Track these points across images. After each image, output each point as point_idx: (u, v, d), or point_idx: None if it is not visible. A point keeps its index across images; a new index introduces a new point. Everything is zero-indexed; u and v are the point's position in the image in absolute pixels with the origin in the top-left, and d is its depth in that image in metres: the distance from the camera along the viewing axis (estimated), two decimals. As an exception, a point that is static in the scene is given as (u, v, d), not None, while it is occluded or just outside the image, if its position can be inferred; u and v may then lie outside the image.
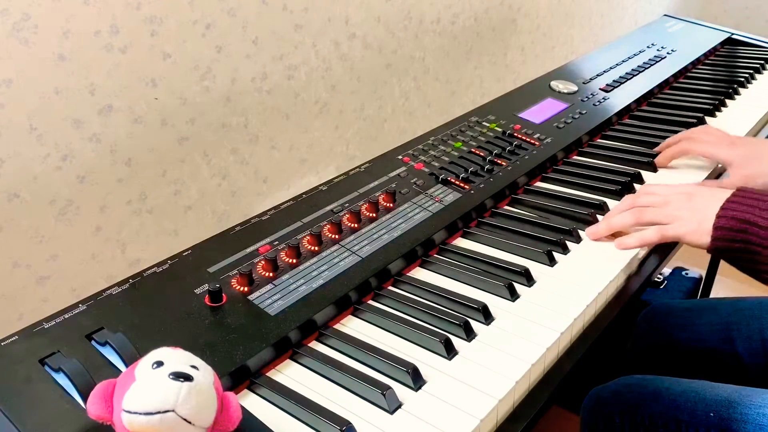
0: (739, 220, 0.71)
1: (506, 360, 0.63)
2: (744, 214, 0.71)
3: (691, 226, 0.75)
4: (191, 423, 0.47)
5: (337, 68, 1.28)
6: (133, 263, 1.05)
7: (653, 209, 0.79)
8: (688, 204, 0.77)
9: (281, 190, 1.26)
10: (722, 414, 0.73)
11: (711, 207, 0.74)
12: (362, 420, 0.57)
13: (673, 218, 0.77)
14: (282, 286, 0.69)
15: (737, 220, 0.71)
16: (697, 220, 0.75)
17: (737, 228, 0.71)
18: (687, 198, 0.78)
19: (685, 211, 0.77)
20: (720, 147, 0.92)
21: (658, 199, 0.80)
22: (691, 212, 0.76)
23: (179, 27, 0.99)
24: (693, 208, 0.76)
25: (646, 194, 0.82)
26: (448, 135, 0.99)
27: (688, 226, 0.76)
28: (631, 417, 0.79)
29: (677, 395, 0.77)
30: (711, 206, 0.74)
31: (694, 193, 0.78)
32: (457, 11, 1.54)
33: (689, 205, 0.77)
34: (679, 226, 0.76)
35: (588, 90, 1.19)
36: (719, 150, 0.93)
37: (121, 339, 0.59)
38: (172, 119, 1.03)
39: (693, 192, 0.79)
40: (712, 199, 0.75)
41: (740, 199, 0.73)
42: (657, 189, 0.82)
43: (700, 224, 0.75)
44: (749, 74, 1.34)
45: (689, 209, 0.77)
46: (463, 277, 0.75)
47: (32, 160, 0.88)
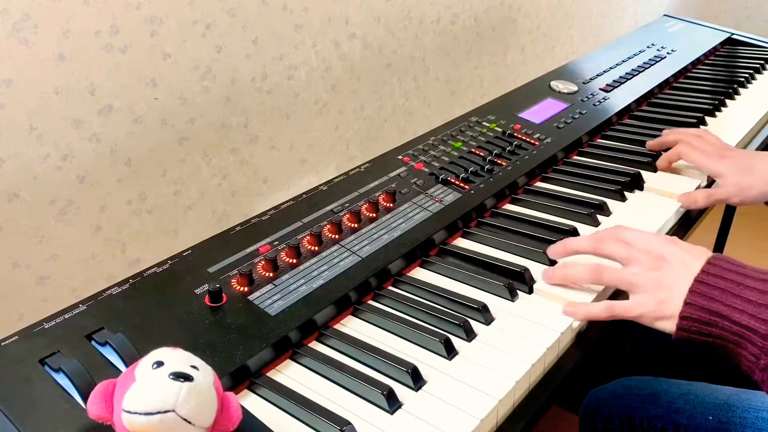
0: (709, 311, 0.61)
1: (506, 360, 0.63)
2: (715, 304, 0.61)
3: (650, 306, 0.65)
4: (191, 423, 0.47)
5: (337, 68, 1.28)
6: (133, 263, 1.05)
7: (613, 271, 0.69)
8: (653, 273, 0.66)
9: (281, 190, 1.26)
10: (721, 417, 0.73)
11: (678, 285, 0.63)
12: (362, 420, 0.57)
13: (633, 288, 0.67)
14: (282, 286, 0.69)
15: (707, 311, 0.61)
16: (658, 300, 0.64)
17: (706, 320, 0.61)
18: (654, 263, 0.66)
19: (648, 282, 0.66)
20: (711, 159, 0.91)
21: (623, 253, 0.69)
22: (655, 287, 0.65)
23: (179, 27, 1.00)
24: (658, 282, 0.65)
25: (612, 240, 0.70)
26: (448, 135, 0.99)
27: (646, 306, 0.65)
28: (629, 419, 0.79)
29: (676, 398, 0.77)
30: (678, 284, 0.63)
31: (663, 256, 0.66)
32: (457, 11, 1.54)
33: (654, 275, 0.66)
34: (635, 306, 0.66)
35: (588, 90, 1.19)
36: (710, 162, 0.91)
37: (121, 339, 0.59)
38: (172, 119, 1.03)
39: (662, 254, 0.67)
40: (682, 273, 0.64)
41: (713, 280, 0.62)
42: (626, 235, 0.70)
43: (661, 307, 0.64)
44: (749, 74, 1.34)
45: (653, 282, 0.65)
46: (463, 277, 0.75)
47: (32, 160, 0.88)
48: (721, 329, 0.61)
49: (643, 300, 0.66)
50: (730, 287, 0.61)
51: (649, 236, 0.70)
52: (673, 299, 0.63)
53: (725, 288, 0.61)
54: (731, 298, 0.60)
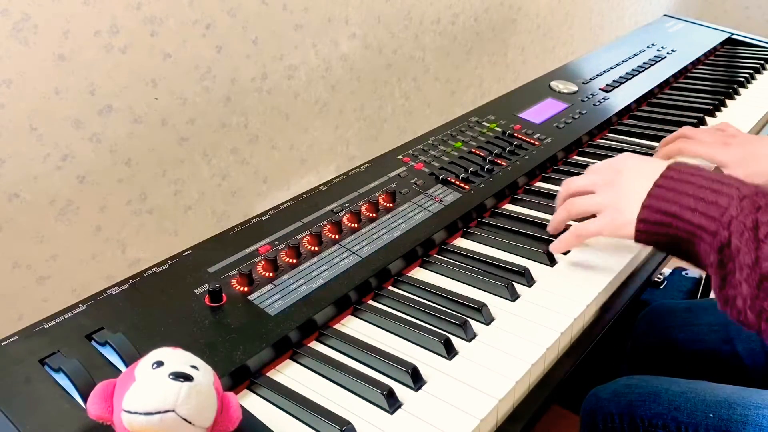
0: (663, 212, 0.63)
1: (506, 360, 0.63)
2: (669, 205, 0.63)
3: (610, 217, 0.69)
4: (191, 423, 0.47)
5: (337, 68, 1.28)
6: (133, 263, 1.05)
7: (582, 200, 0.74)
8: (612, 188, 0.71)
9: (281, 190, 1.26)
10: (722, 415, 0.73)
11: (635, 192, 0.66)
12: (362, 420, 0.57)
13: (599, 207, 0.72)
14: (282, 286, 0.69)
15: (661, 212, 0.64)
16: (617, 209, 0.69)
17: (660, 221, 0.64)
18: (613, 180, 0.71)
19: (610, 197, 0.70)
20: (714, 148, 0.90)
21: (586, 182, 0.75)
22: (615, 198, 0.70)
23: (179, 27, 1.00)
24: (617, 192, 0.70)
25: (576, 179, 0.77)
26: (448, 135, 0.99)
27: (607, 217, 0.70)
28: (630, 417, 0.79)
29: (677, 396, 0.77)
30: (635, 191, 0.66)
31: (621, 169, 0.71)
32: (457, 11, 1.54)
33: (614, 187, 0.70)
34: (595, 222, 0.71)
35: (588, 90, 1.19)
36: (714, 151, 0.90)
37: (121, 339, 0.59)
38: (172, 119, 1.03)
39: (620, 168, 0.72)
40: (640, 180, 0.67)
41: (669, 182, 0.64)
42: (589, 168, 0.77)
43: (621, 214, 0.68)
44: (749, 74, 1.34)
45: (614, 194, 0.70)
46: (463, 277, 0.75)
47: (32, 160, 0.88)
48: (675, 228, 0.63)
49: (603, 214, 0.70)
50: (686, 189, 0.63)
51: (608, 161, 0.76)
52: (631, 205, 0.66)
53: (681, 190, 0.63)
54: (684, 198, 0.62)
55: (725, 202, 0.60)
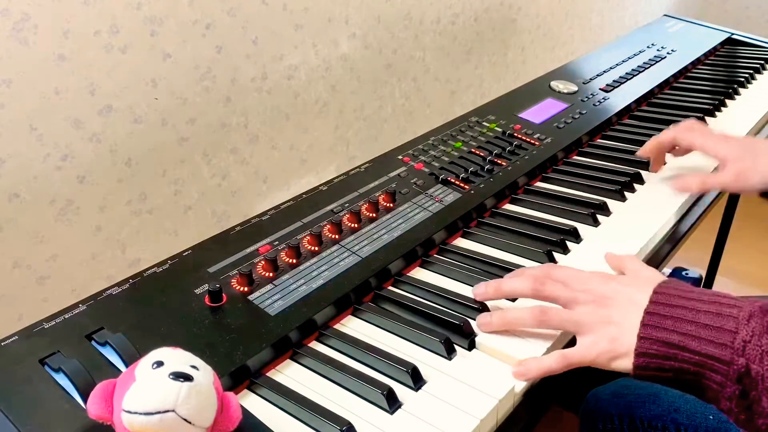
0: (666, 343, 0.56)
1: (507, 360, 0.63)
2: (670, 335, 0.56)
3: (602, 345, 0.60)
4: (191, 423, 0.47)
5: (337, 68, 1.28)
6: (133, 263, 1.05)
7: (559, 312, 0.64)
8: (600, 312, 0.61)
9: (281, 190, 1.26)
10: (721, 416, 0.73)
11: (627, 320, 0.59)
12: (362, 420, 0.57)
13: (581, 329, 0.62)
14: (282, 286, 0.69)
15: (663, 344, 0.56)
16: (609, 338, 0.60)
17: (664, 354, 0.56)
18: (599, 301, 0.62)
19: (597, 321, 0.61)
20: (714, 140, 0.88)
21: (565, 295, 0.64)
22: (603, 325, 0.60)
23: (179, 27, 1.00)
24: (606, 319, 0.61)
25: (552, 281, 0.65)
26: (448, 135, 1.00)
27: (599, 346, 0.60)
28: (630, 419, 0.79)
29: (676, 397, 0.77)
30: (627, 319, 0.59)
31: (605, 293, 0.62)
32: (457, 11, 1.54)
33: (602, 313, 0.61)
34: (588, 349, 0.61)
35: (588, 90, 1.19)
36: (712, 143, 0.87)
37: (121, 339, 0.59)
38: (172, 119, 1.03)
39: (604, 293, 0.62)
40: (630, 308, 0.60)
41: (663, 309, 0.58)
42: (562, 275, 0.65)
43: (613, 345, 0.59)
44: (749, 74, 1.34)
45: (601, 320, 0.61)
46: (463, 277, 0.75)
47: (32, 160, 0.88)
48: (680, 361, 0.56)
49: (594, 339, 0.60)
50: (683, 314, 0.57)
51: (587, 275, 0.65)
52: (625, 336, 0.59)
53: (678, 316, 0.57)
54: (686, 326, 0.56)
55: (732, 325, 0.55)
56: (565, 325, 0.63)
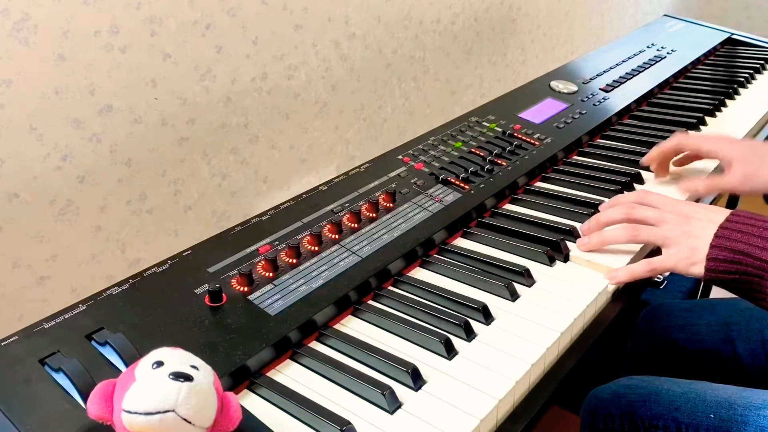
0: (733, 250, 0.67)
1: (506, 360, 0.63)
2: (737, 244, 0.67)
3: (683, 254, 0.71)
4: (191, 423, 0.47)
5: (337, 68, 1.28)
6: (133, 263, 1.05)
7: (648, 229, 0.75)
8: (683, 228, 0.73)
9: (281, 190, 1.26)
10: (722, 415, 0.73)
11: (705, 234, 0.70)
12: (362, 420, 0.57)
13: (667, 241, 0.73)
14: (282, 286, 0.69)
15: (731, 251, 0.67)
16: (689, 248, 0.71)
17: (731, 259, 0.67)
18: (683, 220, 0.74)
19: (680, 235, 0.73)
20: (720, 143, 0.89)
21: (654, 215, 0.75)
22: (686, 238, 0.72)
23: (179, 27, 1.00)
24: (687, 233, 0.72)
25: (641, 206, 0.78)
26: (448, 135, 0.99)
27: (680, 254, 0.72)
28: (630, 418, 0.79)
29: (677, 396, 0.77)
30: (705, 233, 0.70)
31: (690, 214, 0.74)
32: (457, 11, 1.54)
33: (684, 229, 0.73)
34: (671, 256, 0.72)
35: (588, 90, 1.19)
36: (719, 146, 0.89)
37: (121, 339, 0.59)
38: (172, 119, 1.03)
39: (689, 213, 0.74)
40: (708, 223, 0.71)
41: (734, 225, 0.69)
42: (654, 200, 0.78)
43: (693, 253, 0.70)
44: (749, 74, 1.33)
45: (684, 234, 0.72)
46: (463, 277, 0.75)
47: (32, 160, 0.88)
48: (744, 266, 0.67)
49: (676, 250, 0.72)
50: (751, 230, 0.68)
51: (673, 200, 0.78)
52: (702, 246, 0.70)
53: (746, 231, 0.68)
54: (752, 239, 0.67)
55: None
56: (652, 239, 0.75)
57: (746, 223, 0.69)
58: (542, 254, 0.77)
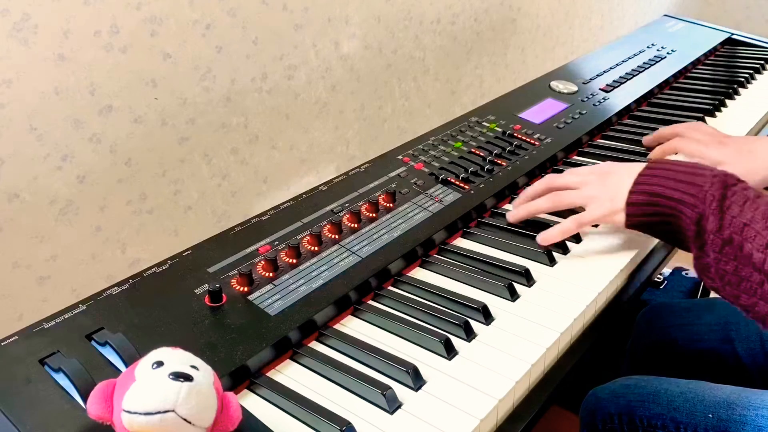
0: (649, 193, 0.71)
1: (506, 360, 0.63)
2: (653, 187, 0.70)
3: (605, 206, 0.75)
4: (191, 423, 0.47)
5: (337, 68, 1.28)
6: (133, 263, 1.05)
7: (570, 193, 0.79)
8: (602, 183, 0.76)
9: (281, 190, 1.26)
10: (721, 415, 0.73)
11: (624, 184, 0.73)
12: (362, 420, 0.57)
13: (589, 200, 0.77)
14: (282, 286, 0.69)
15: (647, 194, 0.71)
16: (609, 199, 0.74)
17: (647, 201, 0.71)
18: (602, 178, 0.77)
19: (601, 190, 0.76)
20: (710, 147, 0.91)
21: (575, 180, 0.79)
22: (606, 191, 0.75)
23: (179, 27, 1.00)
24: (607, 187, 0.76)
25: (562, 176, 0.81)
26: (448, 135, 0.99)
27: (602, 206, 0.75)
28: (629, 418, 0.79)
29: (676, 396, 0.77)
30: (624, 183, 0.73)
31: (609, 171, 0.77)
32: (457, 11, 1.54)
33: (604, 183, 0.76)
34: (593, 209, 0.76)
35: (588, 90, 1.19)
36: (710, 150, 0.90)
37: (121, 339, 0.59)
38: (172, 119, 1.03)
39: (608, 170, 0.78)
40: (626, 176, 0.74)
41: (651, 171, 0.72)
42: (576, 170, 0.81)
43: (613, 203, 0.74)
44: (749, 74, 1.34)
45: (604, 188, 0.76)
46: (463, 277, 0.75)
47: (32, 160, 0.88)
48: (660, 207, 0.70)
49: (598, 204, 0.76)
50: (666, 174, 0.70)
51: (591, 167, 0.81)
52: (621, 194, 0.73)
53: (663, 176, 0.70)
54: (666, 182, 0.70)
55: (701, 181, 0.67)
56: (575, 201, 0.78)
57: (663, 168, 0.71)
58: (542, 254, 0.77)
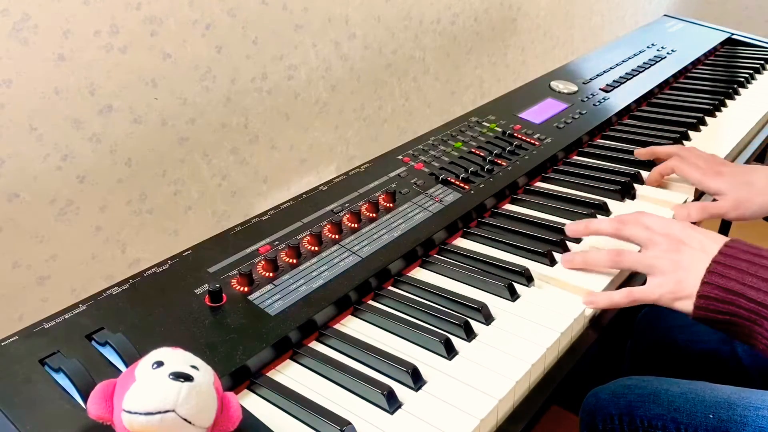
0: (726, 289, 0.63)
1: (506, 360, 0.63)
2: (731, 283, 0.63)
3: (669, 287, 0.67)
4: (191, 423, 0.47)
5: (337, 68, 1.28)
6: (133, 263, 1.05)
7: (632, 255, 0.72)
8: (672, 256, 0.68)
9: (281, 190, 1.26)
10: (721, 415, 0.73)
11: (695, 266, 0.65)
12: (362, 420, 0.57)
13: (652, 270, 0.69)
14: (282, 286, 0.69)
15: (724, 290, 0.63)
16: (676, 281, 0.67)
17: (723, 299, 0.63)
18: (674, 246, 0.69)
19: (668, 264, 0.68)
20: (708, 176, 0.88)
21: (644, 236, 0.72)
22: (673, 268, 0.67)
23: (179, 27, 1.00)
24: (676, 263, 0.67)
25: (633, 224, 0.73)
26: (448, 135, 0.99)
27: (665, 287, 0.67)
28: (630, 418, 0.79)
29: (676, 396, 0.77)
30: (696, 265, 0.65)
31: (682, 239, 0.69)
32: (457, 11, 1.54)
33: (674, 257, 0.68)
34: (654, 288, 0.68)
35: (588, 90, 1.19)
36: (706, 179, 0.88)
37: (121, 339, 0.59)
38: (172, 119, 1.03)
39: (682, 238, 0.69)
40: (700, 255, 0.66)
41: (729, 260, 0.64)
42: (647, 220, 0.73)
43: (679, 287, 0.66)
44: (749, 74, 1.34)
45: (672, 263, 0.68)
46: (463, 277, 0.75)
47: (32, 160, 0.88)
48: (737, 307, 0.62)
49: (661, 281, 0.68)
50: (746, 267, 0.63)
51: (668, 221, 0.73)
52: (691, 279, 0.65)
53: (741, 268, 0.63)
54: (747, 278, 0.62)
55: None
56: (637, 266, 0.71)
57: (742, 258, 0.64)
58: (542, 254, 0.77)
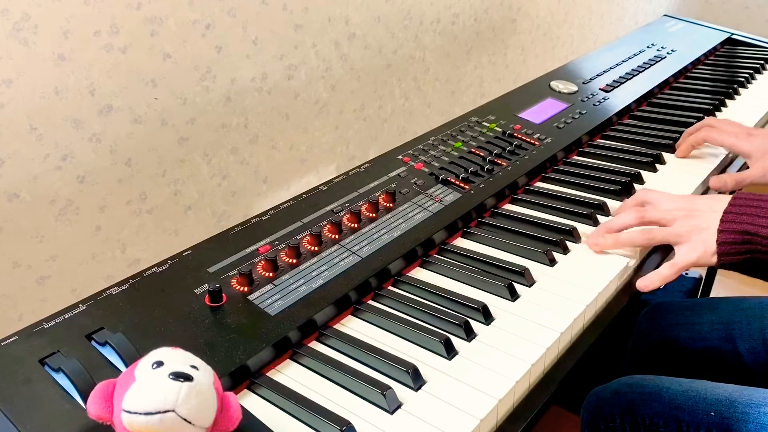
0: (740, 232, 0.72)
1: (506, 360, 0.63)
2: (744, 225, 0.72)
3: (698, 249, 0.75)
4: (191, 423, 0.47)
5: (337, 68, 1.28)
6: (133, 263, 1.05)
7: (660, 230, 0.78)
8: (691, 222, 0.76)
9: (281, 190, 1.26)
10: (723, 413, 0.73)
11: (711, 223, 0.74)
12: (362, 420, 0.57)
13: (679, 239, 0.77)
14: (282, 286, 0.69)
15: (738, 233, 0.72)
16: (702, 241, 0.75)
17: (740, 240, 0.72)
18: (690, 214, 0.77)
19: (690, 230, 0.76)
20: (739, 138, 0.95)
21: (665, 216, 0.79)
22: (696, 232, 0.76)
23: (179, 27, 1.00)
24: (697, 227, 0.76)
25: (651, 208, 0.81)
26: (448, 135, 0.99)
27: (696, 250, 0.75)
28: (631, 417, 0.79)
29: (678, 394, 0.77)
30: (711, 222, 0.74)
31: (695, 207, 0.78)
32: (457, 11, 1.54)
33: (693, 223, 0.76)
34: (689, 254, 0.76)
35: (588, 90, 1.19)
36: (739, 142, 0.95)
37: (121, 339, 0.59)
38: (172, 119, 1.03)
39: (693, 207, 0.78)
40: (712, 214, 0.75)
41: (738, 208, 0.73)
42: (658, 200, 0.81)
43: (705, 245, 0.74)
44: (749, 74, 1.33)
45: (693, 228, 0.76)
46: (463, 277, 0.75)
47: (32, 160, 0.88)
48: (754, 244, 0.71)
49: (691, 246, 0.76)
50: (755, 211, 0.72)
51: (674, 197, 0.81)
52: (711, 236, 0.74)
53: (751, 213, 0.72)
54: (757, 219, 0.71)
55: None
56: (668, 238, 0.78)
57: (749, 204, 0.72)
58: (542, 254, 0.77)
